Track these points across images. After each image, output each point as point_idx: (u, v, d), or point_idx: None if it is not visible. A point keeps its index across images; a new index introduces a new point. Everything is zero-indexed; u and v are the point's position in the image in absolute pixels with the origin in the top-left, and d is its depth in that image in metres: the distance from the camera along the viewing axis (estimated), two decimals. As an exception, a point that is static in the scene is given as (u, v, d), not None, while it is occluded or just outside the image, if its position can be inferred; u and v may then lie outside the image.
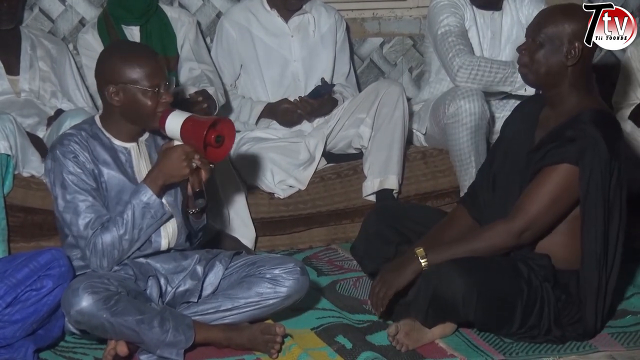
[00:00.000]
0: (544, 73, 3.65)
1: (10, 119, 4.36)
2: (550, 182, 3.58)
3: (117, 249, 3.58)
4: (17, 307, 3.51)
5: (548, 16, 3.68)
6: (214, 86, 4.81)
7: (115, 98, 3.59)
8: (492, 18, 5.02)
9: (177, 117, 3.55)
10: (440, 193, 4.94)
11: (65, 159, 3.57)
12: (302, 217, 4.79)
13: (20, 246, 4.41)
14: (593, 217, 3.58)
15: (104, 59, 3.67)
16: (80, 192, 3.57)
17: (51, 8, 5.19)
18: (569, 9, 3.71)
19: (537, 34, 3.65)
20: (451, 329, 3.73)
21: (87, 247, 3.57)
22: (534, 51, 3.66)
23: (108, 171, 3.63)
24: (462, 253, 3.62)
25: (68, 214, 3.58)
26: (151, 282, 3.68)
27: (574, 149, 3.55)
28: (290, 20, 5.07)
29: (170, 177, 3.57)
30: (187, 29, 5.05)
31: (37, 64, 4.88)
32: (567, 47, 3.61)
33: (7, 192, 4.38)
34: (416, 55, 5.76)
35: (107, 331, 3.48)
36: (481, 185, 3.90)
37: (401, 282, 3.66)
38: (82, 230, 3.56)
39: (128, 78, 3.57)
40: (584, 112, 3.60)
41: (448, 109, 4.68)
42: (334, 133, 4.89)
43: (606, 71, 6.07)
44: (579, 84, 3.66)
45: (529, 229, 3.60)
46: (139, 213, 3.57)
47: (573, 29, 3.61)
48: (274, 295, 3.72)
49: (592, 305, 3.63)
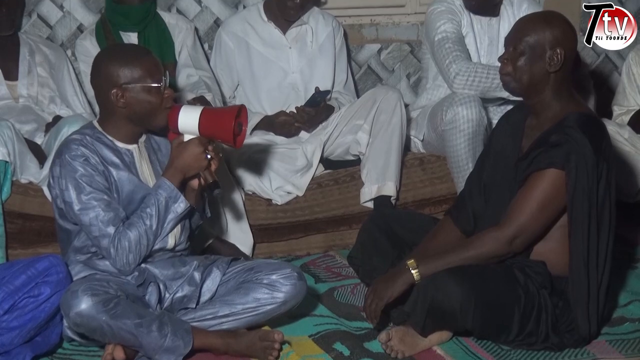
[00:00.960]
0: (526, 81, 3.67)
1: (9, 125, 4.36)
2: (538, 187, 3.59)
3: (143, 244, 3.61)
4: (15, 314, 3.51)
5: (528, 24, 3.70)
6: (212, 92, 4.82)
7: (121, 100, 3.60)
8: (489, 24, 5.02)
9: (190, 111, 3.66)
10: (438, 199, 4.94)
11: (75, 162, 3.57)
12: (299, 223, 4.79)
13: (18, 253, 4.41)
14: (580, 221, 3.58)
15: (100, 64, 3.67)
16: (96, 192, 3.57)
17: (49, 14, 5.19)
18: (548, 16, 3.74)
19: (518, 42, 3.67)
20: (448, 335, 3.73)
21: (112, 245, 3.57)
22: (516, 59, 3.67)
23: (117, 172, 3.65)
24: (454, 262, 3.61)
25: (87, 215, 3.57)
26: (151, 288, 3.68)
27: (560, 153, 3.56)
28: (288, 32, 5.08)
29: (189, 170, 3.65)
30: (184, 36, 5.06)
31: (36, 69, 4.88)
32: (549, 54, 3.62)
33: (5, 198, 4.38)
34: (414, 62, 5.76)
35: (106, 334, 3.48)
36: (471, 196, 3.90)
37: (392, 293, 3.66)
38: (104, 229, 3.56)
39: (130, 78, 3.59)
40: (568, 117, 3.61)
41: (445, 116, 4.68)
42: (331, 139, 4.89)
43: (603, 78, 6.09)
44: (561, 89, 3.67)
45: (520, 235, 3.61)
46: (162, 207, 3.61)
47: (554, 35, 3.62)
48: (272, 300, 3.73)
49: (584, 309, 3.63)
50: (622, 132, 5.09)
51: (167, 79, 3.67)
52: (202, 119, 3.63)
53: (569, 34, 3.67)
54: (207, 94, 4.75)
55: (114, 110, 3.64)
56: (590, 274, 3.61)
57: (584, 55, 5.88)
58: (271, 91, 5.06)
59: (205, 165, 3.65)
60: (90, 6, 5.23)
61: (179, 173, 3.64)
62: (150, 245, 3.64)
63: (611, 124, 4.99)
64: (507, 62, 3.70)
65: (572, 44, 3.68)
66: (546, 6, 5.73)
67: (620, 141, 4.97)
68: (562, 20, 3.70)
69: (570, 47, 3.67)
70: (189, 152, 3.63)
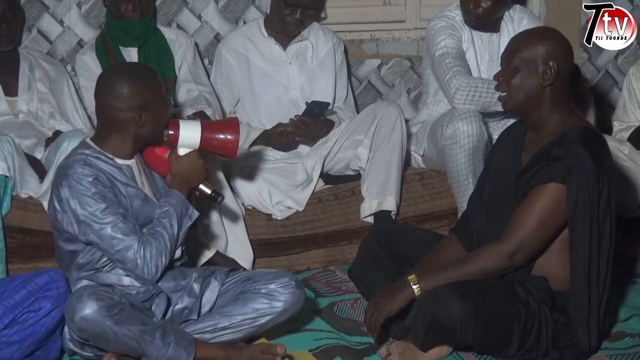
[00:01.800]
0: (522, 97, 3.67)
1: (9, 140, 4.36)
2: (539, 202, 3.59)
3: (165, 255, 3.64)
4: (15, 329, 3.51)
5: (520, 41, 3.71)
6: (212, 108, 4.82)
7: (141, 122, 3.66)
8: (489, 40, 5.03)
9: (190, 126, 3.82)
10: (438, 214, 4.95)
11: (84, 181, 3.58)
12: (299, 238, 4.79)
13: (18, 267, 4.41)
14: (582, 235, 3.58)
15: (114, 86, 3.67)
16: (111, 206, 3.59)
17: (49, 29, 5.20)
18: (539, 31, 3.76)
19: (511, 60, 3.68)
20: (448, 350, 3.72)
21: (138, 255, 3.58)
22: (510, 77, 3.68)
23: (125, 188, 3.68)
24: (455, 277, 3.61)
25: (106, 230, 3.58)
26: (159, 299, 3.67)
27: (561, 167, 3.56)
28: (288, 48, 5.09)
29: (193, 181, 3.81)
30: (184, 51, 5.07)
31: (35, 85, 4.88)
32: (543, 68, 3.63)
33: (5, 213, 4.38)
34: (414, 77, 5.77)
35: (110, 340, 3.48)
36: (473, 214, 3.90)
37: (392, 307, 3.65)
38: (128, 240, 3.58)
39: (150, 98, 3.67)
40: (568, 131, 3.61)
41: (446, 131, 4.68)
42: (331, 154, 4.89)
43: (603, 93, 6.10)
44: (559, 104, 3.67)
45: (521, 250, 3.60)
46: (179, 217, 3.67)
47: (546, 50, 3.63)
48: (270, 310, 3.74)
49: (584, 323, 3.62)
50: (622, 148, 5.09)
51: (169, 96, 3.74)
52: (204, 133, 3.78)
53: (561, 47, 3.67)
54: (207, 109, 4.76)
55: (127, 129, 3.67)
56: (591, 289, 3.61)
57: (584, 70, 5.89)
58: (271, 107, 5.06)
59: (206, 176, 3.79)
60: (90, 21, 5.24)
61: (185, 184, 3.76)
62: (170, 255, 3.68)
63: (611, 140, 4.99)
64: (501, 81, 3.71)
65: (566, 57, 3.68)
66: (547, 20, 5.75)
67: (620, 157, 4.97)
68: (555, 34, 3.72)
69: (564, 60, 3.67)
70: (193, 164, 3.78)
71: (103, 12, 5.09)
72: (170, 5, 5.34)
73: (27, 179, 4.45)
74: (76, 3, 5.21)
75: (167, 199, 3.71)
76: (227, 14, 5.44)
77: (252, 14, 5.45)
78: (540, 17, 5.77)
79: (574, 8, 5.84)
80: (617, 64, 6.08)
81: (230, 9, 5.44)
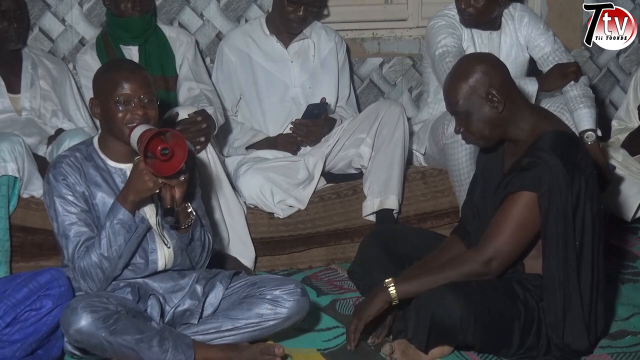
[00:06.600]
0: (489, 131, 3.67)
1: (20, 142, 4.38)
2: (512, 209, 3.60)
3: (101, 269, 3.57)
4: (17, 327, 3.51)
5: (450, 90, 3.69)
6: (213, 106, 4.80)
7: (95, 111, 3.66)
8: (490, 38, 5.02)
9: (138, 130, 3.51)
10: (439, 213, 4.95)
11: (56, 182, 3.61)
12: (301, 237, 4.79)
13: (20, 266, 4.41)
14: (555, 243, 3.58)
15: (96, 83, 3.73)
16: (67, 216, 3.60)
17: (51, 28, 5.21)
18: (459, 71, 3.69)
19: (456, 110, 3.68)
20: (449, 349, 3.73)
21: (75, 271, 3.59)
22: (467, 123, 3.68)
23: (100, 193, 3.65)
24: (432, 281, 3.61)
25: (60, 239, 3.62)
26: (151, 301, 3.68)
27: (531, 175, 3.56)
28: (290, 46, 5.09)
29: (138, 192, 3.53)
30: (185, 49, 5.06)
31: (38, 82, 4.89)
32: (486, 99, 3.62)
33: (11, 213, 4.39)
34: (416, 75, 5.77)
35: (106, 350, 3.48)
36: (467, 221, 3.92)
37: (370, 312, 3.67)
38: (70, 254, 3.59)
39: (102, 90, 3.64)
40: (541, 137, 3.61)
41: (447, 130, 4.68)
42: (333, 153, 4.89)
43: (605, 92, 6.10)
44: (521, 114, 3.67)
45: (495, 257, 3.60)
46: (113, 231, 3.55)
47: (476, 83, 3.62)
48: (274, 316, 3.73)
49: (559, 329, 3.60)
50: (616, 156, 5.08)
51: (149, 101, 3.62)
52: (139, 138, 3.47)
53: (486, 71, 3.64)
54: (208, 108, 4.74)
55: (102, 125, 3.69)
56: (571, 294, 3.59)
57: (585, 69, 5.88)
58: (273, 105, 5.06)
59: (151, 187, 3.50)
60: (91, 20, 5.25)
61: (130, 194, 3.54)
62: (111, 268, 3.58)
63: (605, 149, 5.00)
64: (463, 131, 3.72)
65: (495, 75, 3.65)
66: (548, 19, 5.75)
67: (614, 166, 4.98)
68: (474, 63, 3.68)
69: (495, 77, 3.64)
70: (135, 174, 3.52)
71: (104, 10, 5.09)
72: (172, 4, 5.35)
73: (33, 181, 4.46)
74: (78, 2, 5.23)
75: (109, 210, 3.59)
76: (228, 13, 5.45)
77: (253, 12, 5.46)
78: (542, 16, 5.77)
79: (575, 7, 5.84)
80: (619, 63, 6.07)
81: (232, 7, 5.45)
